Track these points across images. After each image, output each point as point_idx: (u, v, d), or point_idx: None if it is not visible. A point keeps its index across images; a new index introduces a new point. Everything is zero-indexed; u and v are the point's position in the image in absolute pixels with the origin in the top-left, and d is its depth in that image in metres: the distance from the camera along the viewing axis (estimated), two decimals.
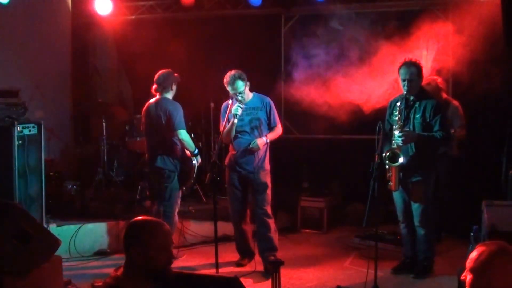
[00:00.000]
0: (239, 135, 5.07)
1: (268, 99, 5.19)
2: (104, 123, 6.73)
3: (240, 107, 4.92)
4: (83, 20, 7.68)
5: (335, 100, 5.83)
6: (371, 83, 5.66)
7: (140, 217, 2.38)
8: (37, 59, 6.85)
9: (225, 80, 4.99)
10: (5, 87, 5.33)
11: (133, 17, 7.61)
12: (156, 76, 5.18)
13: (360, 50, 6.09)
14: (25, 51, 6.68)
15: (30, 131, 5.05)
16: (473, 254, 2.08)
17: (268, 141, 5.09)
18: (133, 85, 8.13)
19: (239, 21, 7.24)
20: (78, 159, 7.36)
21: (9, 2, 6.33)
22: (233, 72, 4.97)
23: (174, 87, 5.22)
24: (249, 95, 5.12)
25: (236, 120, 4.96)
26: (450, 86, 6.19)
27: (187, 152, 5.20)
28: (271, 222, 5.09)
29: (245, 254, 5.31)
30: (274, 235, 5.10)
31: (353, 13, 6.45)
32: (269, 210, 5.10)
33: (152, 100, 5.25)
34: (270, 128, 5.16)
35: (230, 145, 5.21)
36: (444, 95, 5.74)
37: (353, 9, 6.59)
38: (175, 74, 5.23)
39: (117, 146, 6.97)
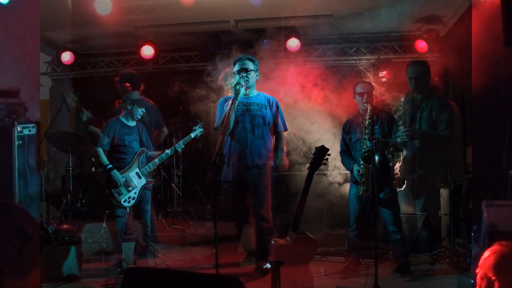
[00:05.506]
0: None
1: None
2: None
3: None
4: None
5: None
6: None
7: None
8: (37, 59, 6.83)
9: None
10: (5, 87, 5.33)
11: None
12: None
13: None
14: (25, 51, 6.67)
15: (30, 131, 5.05)
16: (486, 254, 2.16)
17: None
18: None
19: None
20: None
21: (9, 2, 6.32)
22: None
23: None
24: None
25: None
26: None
27: None
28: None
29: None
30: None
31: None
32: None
33: None
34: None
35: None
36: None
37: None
38: None
39: None
